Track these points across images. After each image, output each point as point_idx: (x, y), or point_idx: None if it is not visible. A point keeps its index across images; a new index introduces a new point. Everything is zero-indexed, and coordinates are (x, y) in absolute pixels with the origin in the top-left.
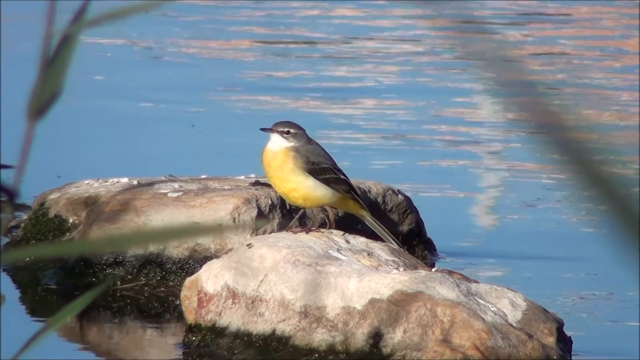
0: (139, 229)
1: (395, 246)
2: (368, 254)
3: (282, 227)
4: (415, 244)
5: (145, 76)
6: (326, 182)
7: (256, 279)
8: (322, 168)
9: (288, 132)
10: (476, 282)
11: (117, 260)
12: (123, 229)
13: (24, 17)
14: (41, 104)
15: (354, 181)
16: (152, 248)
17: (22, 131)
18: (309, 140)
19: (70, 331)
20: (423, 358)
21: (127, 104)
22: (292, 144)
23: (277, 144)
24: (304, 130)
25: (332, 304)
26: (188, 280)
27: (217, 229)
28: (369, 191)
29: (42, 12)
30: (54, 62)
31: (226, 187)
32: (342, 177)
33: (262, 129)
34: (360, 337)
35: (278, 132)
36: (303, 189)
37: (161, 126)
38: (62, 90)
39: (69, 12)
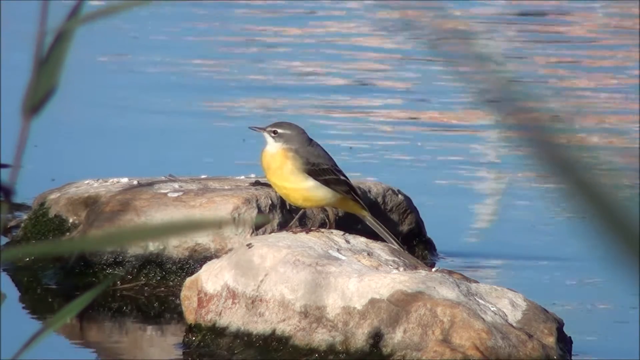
0: (137, 225)
1: (396, 246)
2: (368, 254)
3: (282, 227)
4: (415, 244)
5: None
6: (326, 182)
7: (256, 279)
8: (321, 169)
9: (275, 132)
10: (476, 282)
11: (117, 260)
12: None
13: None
14: (36, 101)
15: (353, 182)
16: (152, 247)
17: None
18: (309, 141)
19: (70, 331)
20: (423, 358)
21: (130, 104)
22: (288, 145)
23: (274, 146)
24: (300, 131)
25: (332, 304)
26: (188, 280)
27: (215, 224)
28: (369, 191)
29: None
30: (49, 59)
31: (226, 187)
32: (342, 177)
33: (251, 128)
34: (360, 337)
35: (266, 131)
36: (303, 190)
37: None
38: (57, 88)
39: (63, 10)
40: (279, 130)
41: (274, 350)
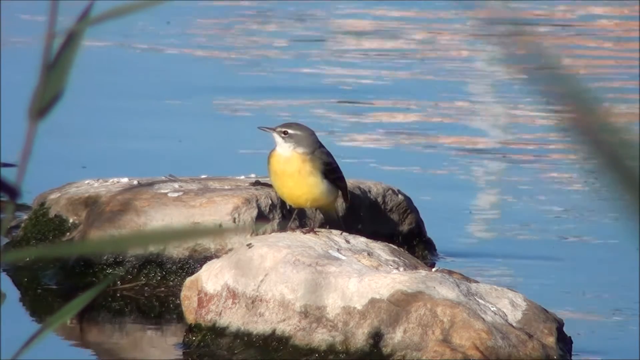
0: (139, 230)
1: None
2: (368, 254)
3: (282, 227)
4: (415, 244)
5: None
6: (334, 182)
7: (256, 279)
8: (333, 168)
9: (285, 133)
10: (476, 282)
11: (117, 260)
12: (123, 229)
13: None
14: (43, 104)
15: (353, 181)
16: (152, 248)
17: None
18: (319, 141)
19: (71, 331)
20: (423, 358)
21: (129, 101)
22: (302, 147)
23: (286, 148)
24: (310, 132)
25: (332, 304)
26: (188, 280)
27: (217, 231)
28: (369, 191)
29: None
30: (57, 62)
31: (226, 187)
32: (342, 175)
33: (260, 128)
34: (360, 337)
35: (276, 132)
36: (317, 191)
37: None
38: (64, 91)
39: (68, 13)
40: (290, 131)
41: (274, 350)
